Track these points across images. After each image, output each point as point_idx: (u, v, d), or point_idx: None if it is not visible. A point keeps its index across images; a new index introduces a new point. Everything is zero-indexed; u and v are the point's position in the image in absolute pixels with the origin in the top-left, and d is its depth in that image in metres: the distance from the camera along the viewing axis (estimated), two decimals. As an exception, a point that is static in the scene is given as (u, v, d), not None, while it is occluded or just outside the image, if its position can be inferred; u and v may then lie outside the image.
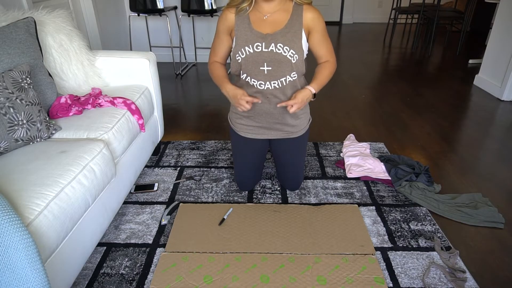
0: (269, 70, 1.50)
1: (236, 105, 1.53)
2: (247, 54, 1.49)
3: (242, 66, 1.53)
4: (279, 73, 1.51)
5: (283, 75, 1.51)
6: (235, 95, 1.50)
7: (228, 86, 1.53)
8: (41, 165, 1.22)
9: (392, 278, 1.37)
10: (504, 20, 3.05)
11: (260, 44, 1.47)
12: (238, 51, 1.50)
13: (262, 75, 1.51)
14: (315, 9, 1.51)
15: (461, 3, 5.44)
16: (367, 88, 3.38)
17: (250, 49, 1.48)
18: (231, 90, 1.52)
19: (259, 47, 1.48)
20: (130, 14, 3.68)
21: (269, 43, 1.47)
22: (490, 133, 2.51)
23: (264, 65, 1.50)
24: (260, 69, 1.51)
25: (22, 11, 1.70)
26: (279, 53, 1.47)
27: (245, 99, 1.48)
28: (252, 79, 1.54)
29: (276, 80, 1.52)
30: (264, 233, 1.58)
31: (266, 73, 1.51)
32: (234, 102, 1.52)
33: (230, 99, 1.54)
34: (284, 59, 1.48)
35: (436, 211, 1.72)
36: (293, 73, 1.52)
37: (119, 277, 1.39)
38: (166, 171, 2.06)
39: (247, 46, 1.48)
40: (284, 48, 1.47)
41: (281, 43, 1.46)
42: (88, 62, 1.87)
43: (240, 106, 1.50)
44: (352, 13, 6.54)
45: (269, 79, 1.52)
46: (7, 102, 1.30)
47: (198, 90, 3.38)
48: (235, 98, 1.50)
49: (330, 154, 2.22)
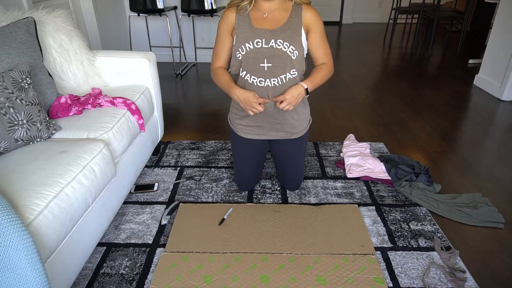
0: (269, 67, 1.51)
1: (248, 109, 1.51)
2: (247, 50, 1.50)
3: (242, 63, 1.53)
4: (279, 69, 1.51)
5: (283, 72, 1.51)
6: (246, 98, 1.48)
7: (237, 91, 1.50)
8: (41, 165, 1.22)
9: (392, 278, 1.37)
10: (504, 20, 3.05)
11: (260, 40, 1.48)
12: (239, 48, 1.51)
13: (262, 72, 1.51)
14: (314, 9, 1.54)
15: (461, 3, 5.44)
16: (367, 88, 3.38)
17: (250, 45, 1.49)
18: (241, 94, 1.49)
19: (259, 43, 1.48)
20: (130, 14, 3.68)
21: (269, 39, 1.48)
22: (490, 133, 2.52)
23: (264, 61, 1.50)
24: (260, 66, 1.51)
25: (22, 11, 1.70)
26: (279, 48, 1.48)
27: (258, 101, 1.47)
28: (252, 76, 1.53)
29: (276, 77, 1.52)
30: (264, 233, 1.58)
31: (266, 70, 1.51)
32: (246, 106, 1.51)
33: (241, 103, 1.52)
34: (284, 55, 1.49)
35: (436, 211, 1.72)
36: (293, 70, 1.53)
37: (119, 277, 1.39)
38: (166, 171, 2.06)
39: (247, 43, 1.49)
40: (284, 44, 1.47)
41: (281, 39, 1.47)
42: (88, 62, 1.87)
43: (253, 109, 1.49)
44: (352, 13, 6.54)
45: (269, 76, 1.52)
46: (7, 102, 1.30)
47: (198, 90, 3.38)
48: (248, 102, 1.48)
49: (330, 154, 2.22)
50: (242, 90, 1.51)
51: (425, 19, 4.99)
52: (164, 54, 4.09)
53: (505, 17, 3.03)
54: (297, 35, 1.49)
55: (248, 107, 1.50)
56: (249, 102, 1.48)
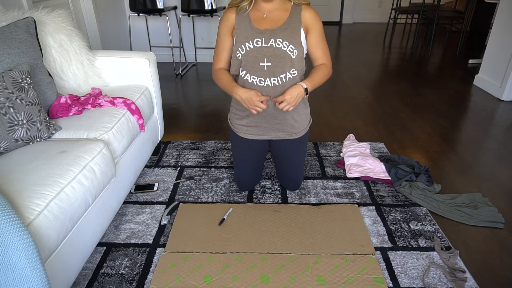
0: (269, 66, 1.51)
1: (250, 108, 1.51)
2: (247, 49, 1.50)
3: (242, 62, 1.53)
4: (279, 69, 1.51)
5: (282, 71, 1.52)
6: (249, 97, 1.49)
7: (240, 90, 1.51)
8: (41, 165, 1.22)
9: (392, 278, 1.37)
10: (504, 20, 3.05)
11: (260, 39, 1.49)
12: (239, 48, 1.51)
13: (262, 71, 1.52)
14: (313, 10, 1.55)
15: (461, 3, 5.45)
16: (367, 88, 3.38)
17: (250, 44, 1.49)
18: (243, 94, 1.50)
19: (259, 43, 1.49)
20: (130, 14, 3.68)
21: (269, 38, 1.48)
22: (490, 133, 2.51)
23: (264, 60, 1.50)
24: (260, 65, 1.51)
25: (22, 11, 1.70)
26: (278, 47, 1.49)
27: (260, 99, 1.48)
28: (252, 76, 1.54)
29: (276, 77, 1.52)
30: (264, 233, 1.58)
31: (266, 69, 1.51)
32: (248, 105, 1.51)
33: (244, 103, 1.52)
34: (284, 54, 1.49)
35: (436, 211, 1.72)
36: (292, 70, 1.53)
37: (119, 277, 1.39)
38: (166, 171, 2.06)
39: (247, 42, 1.50)
40: (284, 43, 1.48)
41: (280, 38, 1.48)
42: (88, 62, 1.87)
43: (256, 108, 1.50)
44: (352, 13, 6.54)
45: (269, 76, 1.52)
46: (7, 102, 1.30)
47: (198, 90, 3.38)
48: (250, 101, 1.49)
49: (330, 154, 2.22)
50: (244, 89, 1.51)
51: (425, 19, 4.99)
52: (164, 54, 4.09)
53: (505, 17, 3.03)
54: (296, 34, 1.50)
55: (251, 106, 1.50)
56: (251, 101, 1.48)
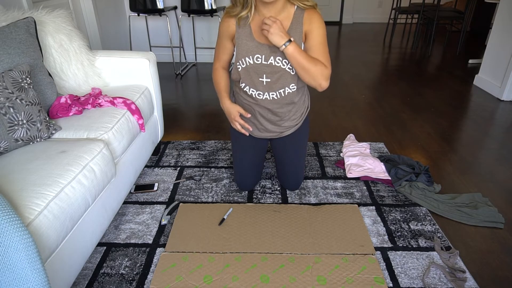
0: (268, 82, 1.52)
1: (230, 121, 1.63)
2: (247, 64, 1.50)
3: (241, 75, 1.54)
4: (278, 84, 1.52)
5: (281, 87, 1.53)
6: (229, 113, 1.60)
7: (225, 102, 1.60)
8: (41, 165, 1.22)
9: (392, 278, 1.37)
10: (504, 20, 3.05)
11: (260, 56, 1.47)
12: (239, 60, 1.51)
13: (261, 86, 1.53)
14: (315, 14, 1.43)
15: (461, 3, 5.44)
16: (367, 88, 3.38)
17: (250, 60, 1.49)
18: (226, 108, 1.60)
19: (259, 59, 1.48)
20: (130, 14, 3.68)
21: (269, 56, 1.46)
22: (490, 133, 2.51)
23: (263, 76, 1.51)
24: (260, 80, 1.52)
25: (22, 11, 1.70)
26: (278, 66, 1.48)
27: (239, 121, 1.57)
28: (251, 89, 1.56)
29: (275, 91, 1.54)
30: (264, 233, 1.58)
31: (265, 84, 1.53)
32: (229, 118, 1.63)
33: (226, 114, 1.63)
34: (283, 71, 1.49)
35: (436, 211, 1.72)
36: (292, 85, 1.53)
37: (119, 277, 1.39)
38: (166, 171, 2.06)
39: (248, 57, 1.48)
40: (283, 61, 1.47)
41: (280, 56, 1.45)
42: (88, 62, 1.87)
43: (235, 124, 1.59)
44: (352, 13, 6.54)
45: (268, 90, 1.54)
46: (7, 102, 1.30)
47: (198, 90, 3.38)
48: (230, 116, 1.61)
49: (330, 154, 2.22)
50: (229, 103, 1.59)
51: (425, 19, 4.99)
52: (164, 54, 4.09)
53: (505, 17, 3.03)
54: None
55: (230, 120, 1.62)
56: (230, 117, 1.61)
